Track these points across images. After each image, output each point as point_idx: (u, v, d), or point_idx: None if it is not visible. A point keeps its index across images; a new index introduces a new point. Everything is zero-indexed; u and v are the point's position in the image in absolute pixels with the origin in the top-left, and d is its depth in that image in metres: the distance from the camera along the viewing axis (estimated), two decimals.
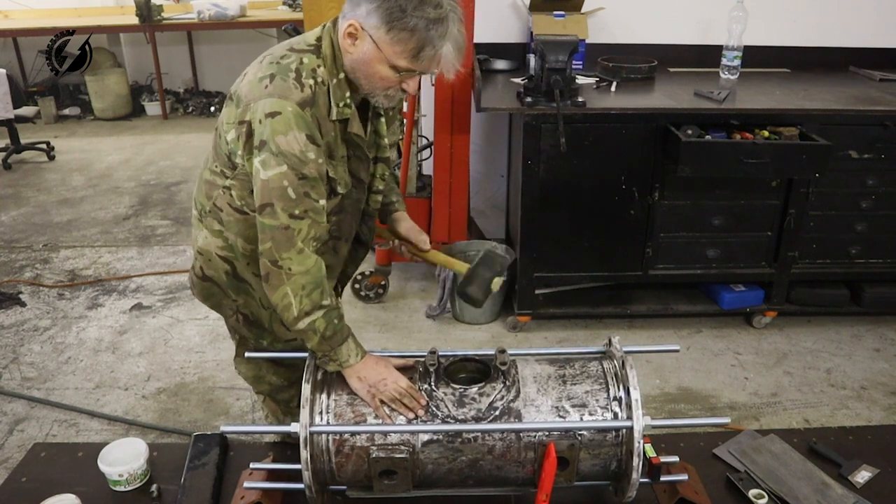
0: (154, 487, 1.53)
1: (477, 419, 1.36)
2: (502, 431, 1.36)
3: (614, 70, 3.14)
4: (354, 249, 1.82)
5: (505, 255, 1.72)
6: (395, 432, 1.36)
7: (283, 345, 1.73)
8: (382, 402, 1.43)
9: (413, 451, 1.36)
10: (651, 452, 1.42)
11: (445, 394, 1.39)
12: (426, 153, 3.56)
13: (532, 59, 3.07)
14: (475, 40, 3.06)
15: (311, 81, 1.42)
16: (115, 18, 7.19)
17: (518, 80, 3.07)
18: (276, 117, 1.38)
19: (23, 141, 5.85)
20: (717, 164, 2.68)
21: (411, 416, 1.38)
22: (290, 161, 1.39)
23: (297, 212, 1.42)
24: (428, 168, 3.53)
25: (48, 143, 5.94)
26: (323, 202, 1.46)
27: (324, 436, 1.37)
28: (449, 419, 1.37)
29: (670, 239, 3.00)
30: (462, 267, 1.73)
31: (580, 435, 1.36)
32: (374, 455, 1.35)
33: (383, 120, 1.62)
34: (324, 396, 1.42)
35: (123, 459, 1.53)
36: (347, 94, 1.47)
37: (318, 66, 1.45)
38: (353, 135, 1.51)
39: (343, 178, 1.54)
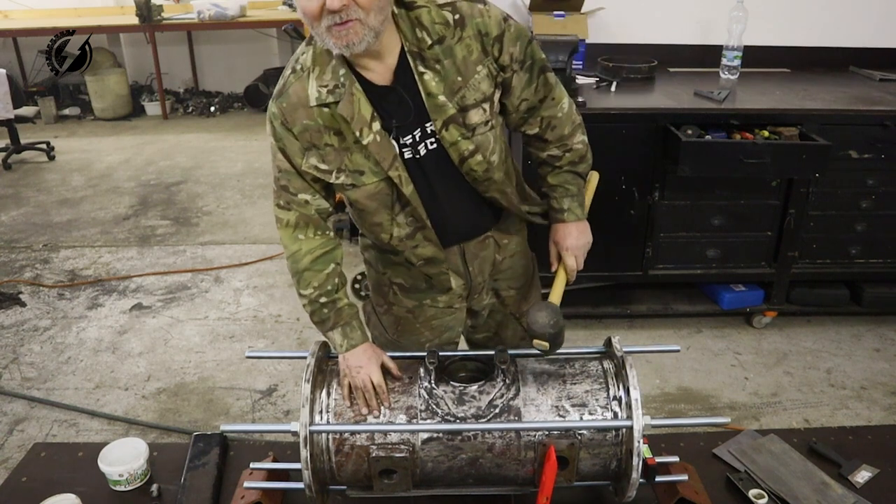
0: (154, 487, 1.53)
1: (477, 417, 1.36)
2: (502, 429, 1.36)
3: (614, 70, 3.14)
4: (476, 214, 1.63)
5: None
6: (394, 431, 1.37)
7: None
8: (352, 388, 1.42)
9: (413, 450, 1.36)
10: (647, 453, 1.42)
11: (445, 392, 1.39)
12: None
13: None
14: None
15: (289, 71, 1.39)
16: (115, 18, 7.20)
17: None
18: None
19: (23, 141, 5.86)
20: (717, 164, 2.68)
21: (364, 410, 1.41)
22: (272, 153, 1.45)
23: (280, 202, 1.49)
24: None
25: (48, 143, 5.95)
26: (304, 196, 1.46)
27: (323, 435, 1.37)
28: (449, 417, 1.37)
29: (670, 239, 3.00)
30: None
31: (580, 434, 1.36)
32: (373, 454, 1.35)
33: (429, 77, 1.35)
34: (324, 395, 1.42)
35: (123, 459, 1.52)
36: (342, 71, 1.33)
37: (303, 54, 1.37)
38: (340, 116, 1.34)
39: (357, 166, 1.39)
